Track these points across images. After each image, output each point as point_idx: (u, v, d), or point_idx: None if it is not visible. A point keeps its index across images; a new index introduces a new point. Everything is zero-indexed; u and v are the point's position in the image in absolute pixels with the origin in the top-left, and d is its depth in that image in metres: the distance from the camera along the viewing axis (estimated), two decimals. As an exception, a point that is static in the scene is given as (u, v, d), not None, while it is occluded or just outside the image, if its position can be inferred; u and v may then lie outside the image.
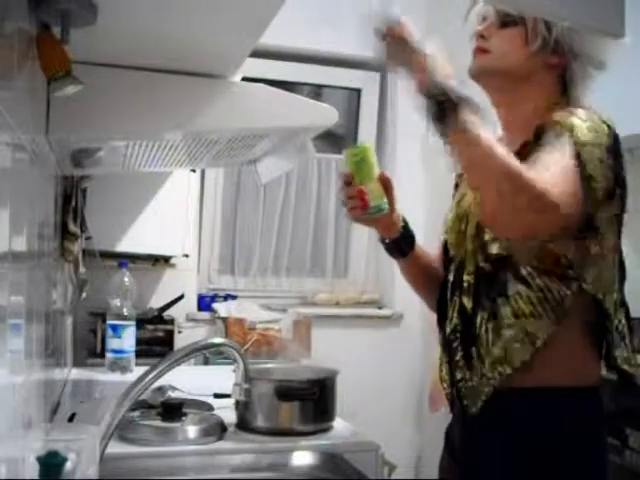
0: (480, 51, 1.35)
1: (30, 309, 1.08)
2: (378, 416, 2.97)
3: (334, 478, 1.31)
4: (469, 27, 1.37)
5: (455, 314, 1.32)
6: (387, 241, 1.44)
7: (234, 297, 3.41)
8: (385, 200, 1.34)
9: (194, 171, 2.75)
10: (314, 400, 1.45)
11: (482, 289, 1.27)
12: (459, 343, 1.30)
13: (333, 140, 3.64)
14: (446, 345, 1.35)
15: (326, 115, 1.51)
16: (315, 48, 3.24)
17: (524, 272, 1.22)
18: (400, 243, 1.43)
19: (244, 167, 2.01)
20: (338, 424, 1.53)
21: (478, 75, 1.35)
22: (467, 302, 1.29)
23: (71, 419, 1.53)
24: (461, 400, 1.30)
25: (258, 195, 3.63)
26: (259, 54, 1.31)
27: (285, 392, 1.42)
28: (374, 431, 1.72)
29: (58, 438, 0.85)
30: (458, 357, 1.30)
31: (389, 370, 3.40)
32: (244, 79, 1.44)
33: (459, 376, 1.30)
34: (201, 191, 3.40)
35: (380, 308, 3.37)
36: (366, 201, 1.32)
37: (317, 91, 3.51)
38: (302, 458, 1.35)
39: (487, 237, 1.26)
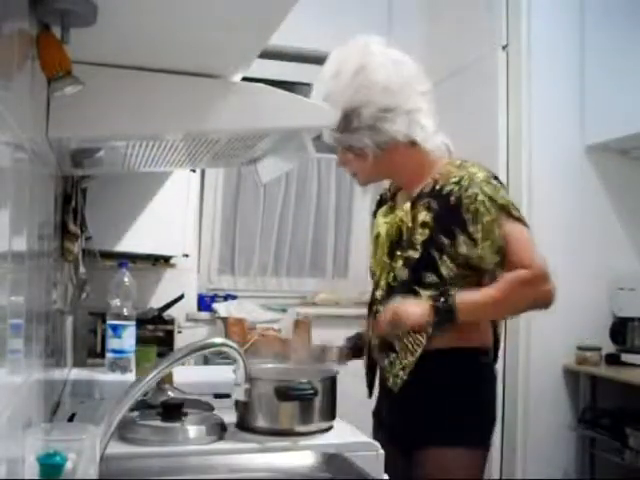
0: (352, 175, 1.81)
1: (30, 309, 1.08)
2: (378, 416, 2.96)
3: (334, 478, 1.31)
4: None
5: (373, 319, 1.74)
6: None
7: (234, 297, 3.42)
8: None
9: (194, 171, 2.75)
10: (314, 400, 1.45)
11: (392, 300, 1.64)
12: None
13: (333, 140, 3.64)
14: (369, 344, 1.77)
15: (326, 115, 1.51)
16: (315, 48, 3.24)
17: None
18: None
19: (244, 167, 2.01)
20: (338, 424, 1.53)
21: (364, 185, 1.86)
22: (382, 309, 1.67)
23: (71, 419, 1.52)
24: (384, 380, 1.70)
25: (258, 195, 3.63)
26: (259, 54, 1.31)
27: (285, 392, 1.42)
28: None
29: (58, 438, 0.85)
30: (377, 350, 1.71)
31: (389, 370, 3.40)
32: (244, 79, 1.44)
33: (385, 363, 1.69)
34: (201, 191, 3.40)
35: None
36: None
37: (317, 91, 3.51)
38: (302, 458, 1.35)
39: (397, 265, 1.67)
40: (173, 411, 1.44)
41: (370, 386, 1.81)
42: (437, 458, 1.61)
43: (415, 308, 1.58)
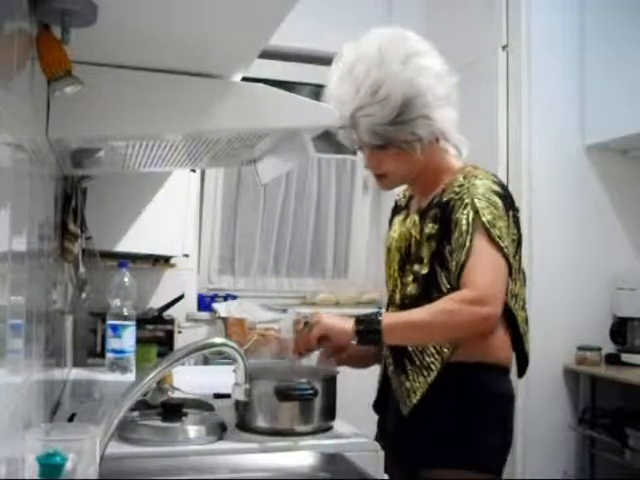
0: (378, 177, 1.66)
1: (30, 309, 1.08)
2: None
3: (334, 478, 1.31)
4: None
5: None
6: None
7: (234, 297, 3.41)
8: None
9: (194, 171, 2.75)
10: (314, 400, 1.45)
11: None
12: (390, 355, 1.64)
13: (333, 140, 3.64)
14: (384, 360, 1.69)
15: (326, 115, 1.51)
16: (315, 48, 3.24)
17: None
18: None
19: (244, 167, 2.01)
20: (338, 424, 1.53)
21: (389, 189, 1.75)
22: None
23: (71, 419, 1.52)
24: (396, 400, 1.60)
25: (258, 195, 3.63)
26: (259, 54, 1.31)
27: (285, 392, 1.42)
28: (374, 431, 1.72)
29: (58, 438, 0.85)
30: (391, 368, 1.63)
31: (389, 370, 3.39)
32: (244, 79, 1.44)
33: (397, 383, 1.61)
34: (201, 191, 3.40)
35: (380, 308, 3.37)
36: None
37: (317, 91, 3.51)
38: (302, 458, 1.35)
39: (408, 280, 1.61)
40: (173, 411, 1.44)
41: (381, 404, 1.72)
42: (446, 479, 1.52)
43: (340, 328, 1.55)
